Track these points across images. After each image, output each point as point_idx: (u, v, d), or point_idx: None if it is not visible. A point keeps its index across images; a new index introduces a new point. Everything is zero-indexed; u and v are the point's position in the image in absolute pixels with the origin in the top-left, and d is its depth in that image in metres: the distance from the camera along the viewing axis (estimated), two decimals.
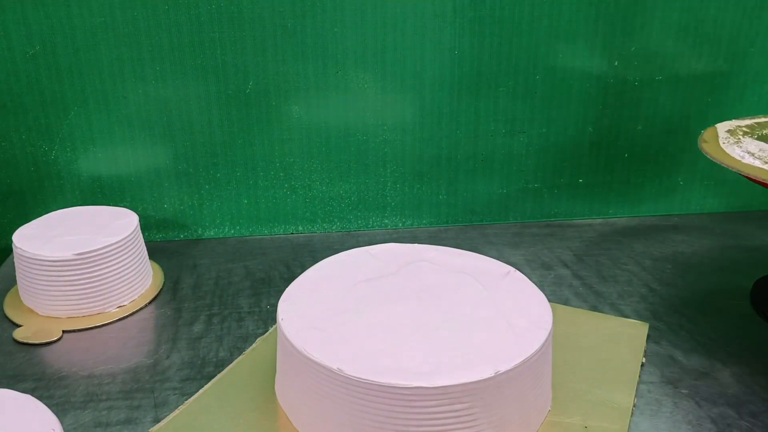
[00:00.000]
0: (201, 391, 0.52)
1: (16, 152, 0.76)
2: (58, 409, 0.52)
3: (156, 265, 0.74)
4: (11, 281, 0.70)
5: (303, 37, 0.74)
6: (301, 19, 0.74)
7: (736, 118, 0.69)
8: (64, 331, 0.62)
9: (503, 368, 0.43)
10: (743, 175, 0.54)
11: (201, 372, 0.56)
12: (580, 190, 0.85)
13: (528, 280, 0.53)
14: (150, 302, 0.67)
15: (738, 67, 0.80)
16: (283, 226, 0.83)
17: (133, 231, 0.66)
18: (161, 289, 0.70)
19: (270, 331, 0.61)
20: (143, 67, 0.74)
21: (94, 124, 0.76)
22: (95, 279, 0.63)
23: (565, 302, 0.66)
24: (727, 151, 0.58)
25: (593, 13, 0.76)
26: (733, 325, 0.61)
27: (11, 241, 0.64)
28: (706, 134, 0.63)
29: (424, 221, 0.84)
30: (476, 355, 0.44)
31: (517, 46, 0.77)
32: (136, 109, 0.76)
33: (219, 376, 0.54)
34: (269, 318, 0.64)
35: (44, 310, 0.64)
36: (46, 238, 0.64)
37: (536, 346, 0.45)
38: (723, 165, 0.56)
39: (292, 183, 0.81)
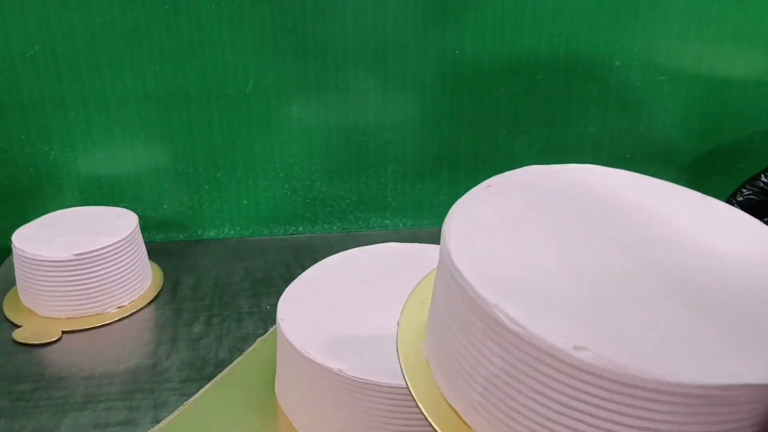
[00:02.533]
0: (201, 391, 0.52)
1: (15, 152, 0.76)
2: (58, 409, 0.51)
3: (155, 266, 0.73)
4: (11, 282, 0.69)
5: (303, 37, 0.74)
6: (301, 19, 0.74)
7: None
8: (63, 332, 0.62)
9: None
10: None
11: (201, 373, 0.56)
12: None
13: None
14: (149, 303, 0.67)
15: (740, 68, 0.80)
16: (283, 227, 0.83)
17: (133, 231, 0.66)
18: (161, 289, 0.69)
19: (270, 331, 0.61)
20: (143, 67, 0.74)
21: (94, 124, 0.76)
22: (94, 279, 0.63)
23: None
24: None
25: (595, 12, 0.76)
26: None
27: (11, 242, 0.64)
28: None
29: (425, 221, 0.84)
30: None
31: (518, 46, 0.77)
32: (136, 109, 0.76)
33: (219, 376, 0.54)
34: (269, 318, 0.64)
35: (44, 310, 0.64)
36: (45, 239, 0.64)
37: None
38: None
39: (293, 183, 0.81)
